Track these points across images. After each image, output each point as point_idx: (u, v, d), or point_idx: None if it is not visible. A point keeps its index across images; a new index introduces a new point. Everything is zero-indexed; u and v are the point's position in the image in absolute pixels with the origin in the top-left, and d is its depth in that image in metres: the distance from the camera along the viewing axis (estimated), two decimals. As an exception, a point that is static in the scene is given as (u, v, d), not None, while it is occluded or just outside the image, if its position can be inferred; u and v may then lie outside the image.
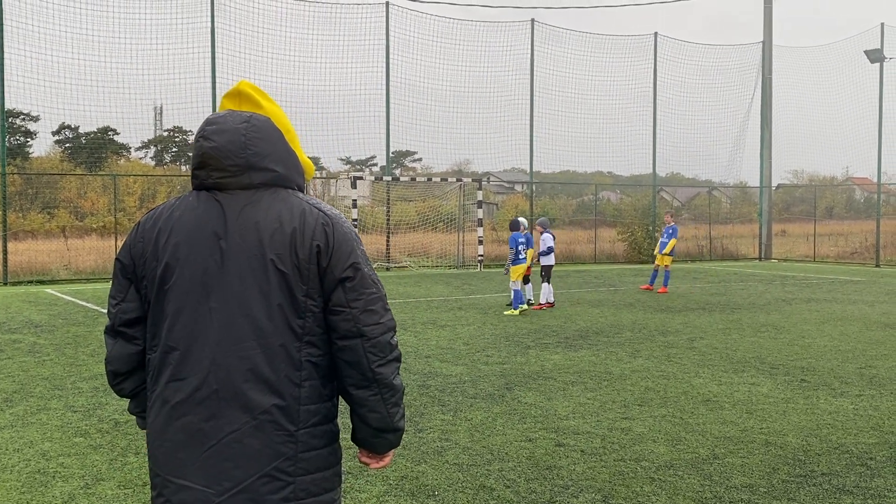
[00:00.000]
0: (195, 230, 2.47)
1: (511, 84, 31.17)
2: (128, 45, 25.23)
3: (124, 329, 2.57)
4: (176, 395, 2.41)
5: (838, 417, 7.56)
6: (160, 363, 2.45)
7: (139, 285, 2.54)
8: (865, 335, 12.71)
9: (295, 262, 2.43)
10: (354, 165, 50.00)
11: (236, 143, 2.49)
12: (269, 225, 2.45)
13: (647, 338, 12.35)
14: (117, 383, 2.65)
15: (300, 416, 2.43)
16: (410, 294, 19.19)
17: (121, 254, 2.59)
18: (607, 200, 42.23)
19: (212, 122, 2.54)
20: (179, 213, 2.51)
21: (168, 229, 2.49)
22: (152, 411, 2.47)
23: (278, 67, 27.57)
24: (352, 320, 2.45)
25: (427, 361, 10.26)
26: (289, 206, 2.49)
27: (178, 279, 2.44)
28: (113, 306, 2.59)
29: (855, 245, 36.36)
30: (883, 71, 32.07)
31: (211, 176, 2.51)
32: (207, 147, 2.50)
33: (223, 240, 2.44)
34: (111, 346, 2.61)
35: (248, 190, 2.51)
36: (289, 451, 2.40)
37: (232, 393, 2.38)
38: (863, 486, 5.67)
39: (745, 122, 35.86)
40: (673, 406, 7.98)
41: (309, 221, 2.47)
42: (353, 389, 2.51)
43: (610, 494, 5.50)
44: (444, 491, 5.56)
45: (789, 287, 21.47)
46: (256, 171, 2.51)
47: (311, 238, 2.45)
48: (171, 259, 2.45)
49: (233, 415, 2.38)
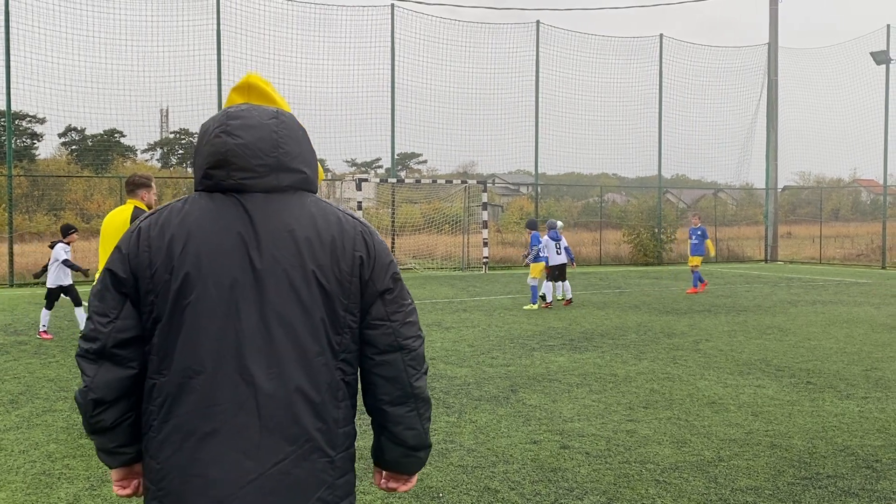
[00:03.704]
0: (218, 237, 2.21)
1: (516, 86, 31.19)
2: (134, 47, 25.32)
3: (118, 351, 2.23)
4: (206, 424, 2.14)
5: (844, 420, 7.54)
6: (178, 389, 2.17)
7: (141, 300, 2.24)
8: (871, 337, 12.67)
9: (337, 275, 2.25)
10: (360, 167, 50.05)
11: (267, 140, 2.27)
12: (306, 233, 2.25)
13: (652, 340, 12.33)
14: (97, 414, 2.25)
15: (338, 440, 2.28)
16: (415, 296, 19.19)
17: (114, 264, 2.26)
18: (613, 202, 42.18)
19: (236, 116, 2.29)
20: (194, 217, 2.23)
21: (183, 236, 2.21)
22: (167, 445, 2.17)
23: (284, 69, 27.63)
24: (392, 334, 2.32)
25: (432, 363, 10.25)
26: (322, 212, 2.31)
27: (201, 293, 2.17)
28: (105, 325, 2.24)
29: (861, 247, 36.29)
30: (889, 72, 32.01)
31: (232, 176, 2.25)
32: (233, 144, 2.25)
33: (255, 249, 2.20)
34: (94, 372, 2.24)
35: (274, 193, 2.28)
36: (329, 479, 2.25)
37: (277, 419, 2.16)
38: (868, 489, 5.66)
39: (752, 124, 35.84)
40: (678, 408, 7.96)
41: (348, 230, 2.31)
42: (390, 407, 2.36)
43: (615, 497, 5.49)
44: (448, 493, 5.56)
45: (795, 289, 21.42)
46: (285, 172, 2.29)
47: (353, 248, 2.29)
48: (192, 270, 2.18)
49: (277, 443, 2.16)
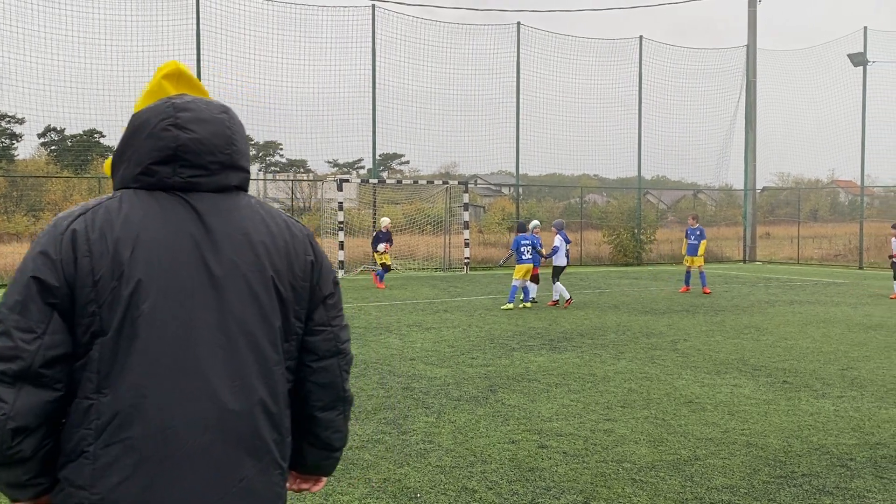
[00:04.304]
0: (170, 241, 2.03)
1: (497, 87, 31.26)
2: (114, 47, 25.15)
3: (45, 371, 1.93)
4: (165, 446, 1.94)
5: (819, 419, 7.62)
6: (129, 409, 1.93)
7: (76, 312, 1.96)
8: (848, 337, 12.80)
9: (291, 280, 2.16)
10: (341, 168, 49.98)
11: (221, 136, 2.13)
12: (261, 237, 2.13)
13: (631, 340, 12.40)
14: (17, 444, 1.92)
15: (287, 451, 2.19)
16: (396, 296, 19.19)
17: (41, 272, 1.96)
18: (593, 203, 42.32)
19: (185, 108, 2.11)
20: (139, 219, 2.02)
21: (131, 240, 1.99)
22: (113, 472, 1.92)
23: (264, 70, 27.58)
24: (333, 339, 2.26)
25: (412, 364, 10.27)
26: (270, 215, 2.20)
27: (156, 302, 1.97)
28: (29, 341, 1.92)
29: (839, 247, 36.59)
30: (866, 74, 32.30)
31: (180, 173, 2.08)
32: (186, 139, 2.07)
33: (211, 253, 2.05)
34: (13, 397, 1.91)
35: (221, 193, 2.14)
36: (282, 492, 2.15)
37: (240, 435, 2.03)
38: (843, 487, 5.72)
39: (731, 125, 36.09)
40: (655, 407, 8.02)
41: (297, 235, 2.22)
42: (321, 412, 2.27)
43: (591, 496, 5.52)
44: (426, 493, 5.58)
45: (773, 289, 21.58)
46: (234, 170, 2.16)
47: (304, 253, 2.21)
48: (144, 277, 1.98)
49: (241, 459, 2.03)
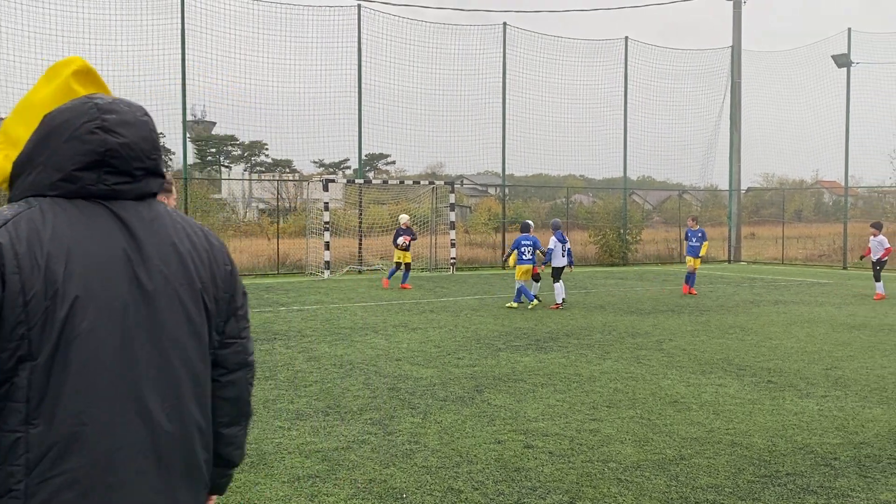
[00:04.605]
0: (100, 254, 1.88)
1: (484, 87, 31.28)
2: (97, 46, 24.98)
3: None
4: (108, 475, 1.82)
5: (804, 418, 7.65)
6: (66, 440, 1.79)
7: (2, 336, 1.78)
8: (832, 337, 12.86)
9: (215, 293, 2.07)
10: (327, 168, 49.89)
11: (148, 140, 2.01)
12: (186, 247, 2.03)
13: (616, 340, 12.42)
14: None
15: (211, 469, 2.12)
16: (382, 297, 19.17)
17: None
18: (579, 203, 42.41)
19: (109, 110, 1.97)
20: (66, 230, 1.87)
21: (62, 253, 1.83)
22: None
23: (250, 70, 27.48)
24: (242, 351, 2.18)
25: (398, 364, 10.25)
26: (187, 223, 2.09)
27: (93, 322, 1.83)
28: None
29: (823, 247, 36.80)
30: (850, 76, 32.50)
31: (105, 180, 1.94)
32: (115, 143, 1.94)
33: (140, 266, 1.92)
34: None
35: (142, 201, 2.02)
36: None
37: (174, 456, 1.94)
38: (827, 486, 5.75)
39: (716, 126, 36.23)
40: (641, 407, 8.03)
41: (214, 243, 2.12)
42: (226, 428, 2.17)
43: (577, 496, 5.52)
44: (412, 493, 5.56)
45: (757, 289, 21.68)
46: (154, 177, 2.04)
47: (224, 263, 2.12)
48: (82, 294, 1.82)
49: (176, 483, 1.94)
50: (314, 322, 14.34)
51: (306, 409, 7.91)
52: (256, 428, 7.17)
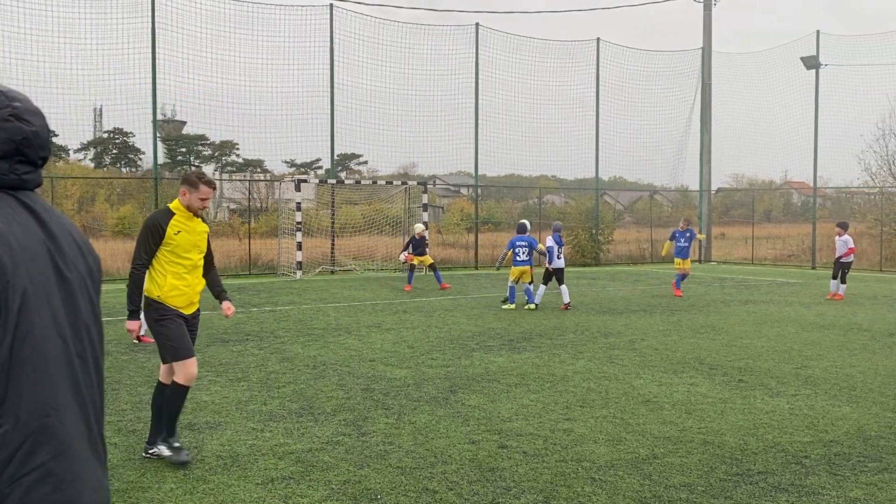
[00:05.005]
0: (33, 246, 1.84)
1: (456, 88, 31.28)
2: (67, 44, 24.71)
3: None
4: (74, 463, 1.84)
5: (775, 417, 7.72)
6: (36, 434, 1.77)
7: None
8: (801, 336, 13.00)
9: (97, 279, 2.06)
10: (299, 168, 49.69)
11: (47, 129, 1.95)
12: (78, 237, 2.00)
13: (589, 339, 12.47)
14: None
15: None
16: (355, 297, 19.12)
17: None
18: (552, 204, 42.56)
19: (16, 98, 1.91)
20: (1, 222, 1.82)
21: (6, 247, 1.78)
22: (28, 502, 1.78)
23: (221, 69, 27.25)
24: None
25: (371, 365, 10.22)
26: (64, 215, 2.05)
27: (41, 314, 1.81)
28: None
29: (792, 248, 37.22)
30: (819, 77, 32.87)
31: (15, 170, 1.88)
32: (29, 132, 1.88)
33: (59, 257, 1.90)
34: None
35: (34, 192, 1.96)
36: None
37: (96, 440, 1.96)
38: (798, 484, 5.80)
39: (687, 127, 36.52)
40: (614, 407, 8.07)
41: (82, 234, 2.07)
42: None
43: (551, 495, 5.54)
44: (386, 494, 5.55)
45: (728, 289, 21.87)
46: (43, 168, 2.00)
47: (96, 253, 2.08)
48: (29, 287, 1.80)
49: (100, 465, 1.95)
50: (287, 323, 14.27)
51: (279, 410, 7.87)
52: (229, 430, 7.12)
